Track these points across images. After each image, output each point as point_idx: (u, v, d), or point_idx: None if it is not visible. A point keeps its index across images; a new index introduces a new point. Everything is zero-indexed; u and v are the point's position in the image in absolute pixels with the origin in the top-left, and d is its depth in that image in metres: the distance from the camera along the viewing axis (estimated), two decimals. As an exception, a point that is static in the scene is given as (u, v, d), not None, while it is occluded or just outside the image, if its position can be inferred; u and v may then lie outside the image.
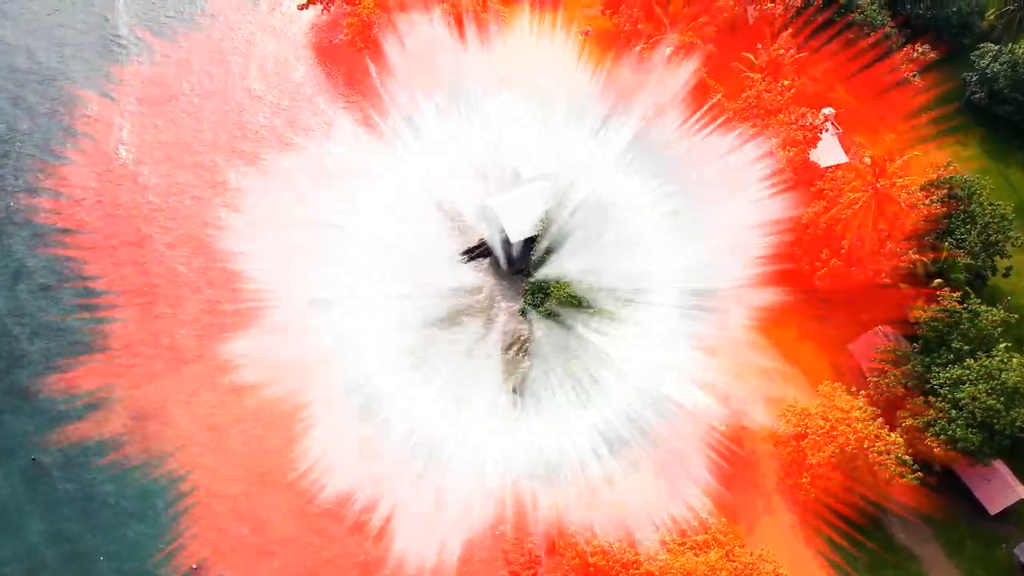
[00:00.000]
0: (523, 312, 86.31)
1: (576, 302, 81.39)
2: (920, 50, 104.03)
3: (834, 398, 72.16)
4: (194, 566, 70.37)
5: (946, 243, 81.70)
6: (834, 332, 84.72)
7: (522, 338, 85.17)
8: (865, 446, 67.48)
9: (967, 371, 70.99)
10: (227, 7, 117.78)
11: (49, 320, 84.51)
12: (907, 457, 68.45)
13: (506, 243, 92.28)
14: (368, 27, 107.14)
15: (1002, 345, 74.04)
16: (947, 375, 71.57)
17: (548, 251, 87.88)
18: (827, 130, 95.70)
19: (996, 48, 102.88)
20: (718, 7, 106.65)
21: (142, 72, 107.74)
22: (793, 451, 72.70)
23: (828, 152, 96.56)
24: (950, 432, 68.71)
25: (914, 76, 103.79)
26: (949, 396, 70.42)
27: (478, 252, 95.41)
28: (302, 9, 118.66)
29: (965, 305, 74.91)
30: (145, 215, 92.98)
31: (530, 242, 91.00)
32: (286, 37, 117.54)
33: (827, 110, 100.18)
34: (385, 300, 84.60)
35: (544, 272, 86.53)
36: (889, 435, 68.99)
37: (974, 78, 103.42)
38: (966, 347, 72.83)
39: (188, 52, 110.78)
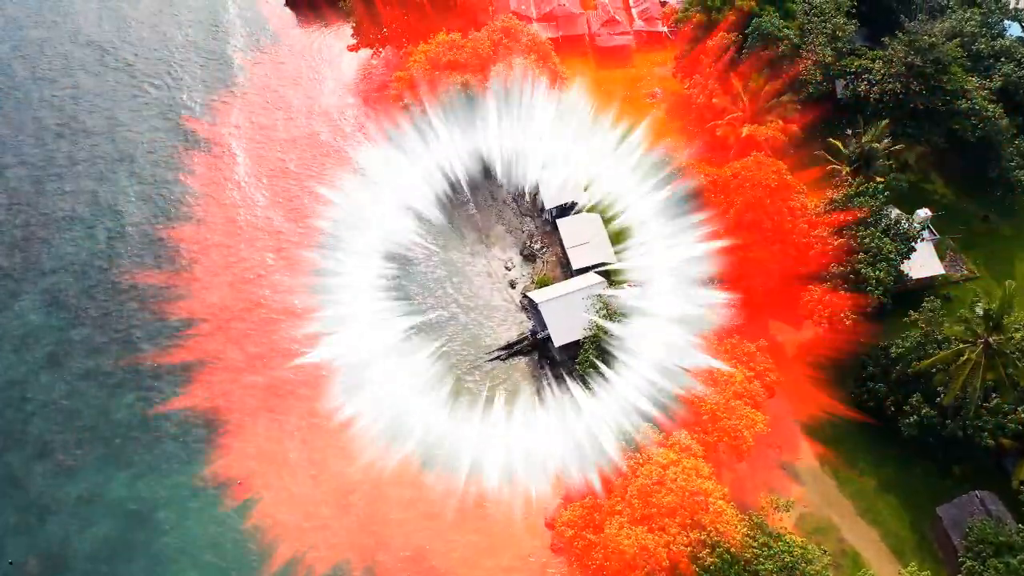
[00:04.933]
0: None
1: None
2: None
3: (922, 592, 60.92)
4: None
5: (1064, 399, 69.58)
6: (920, 486, 73.10)
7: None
8: (959, 663, 56.45)
9: (1089, 576, 59.21)
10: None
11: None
12: (1007, 678, 57.22)
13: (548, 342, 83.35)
14: (416, 84, 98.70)
15: None
16: (1063, 578, 59.84)
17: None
18: (922, 237, 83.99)
19: None
20: (802, 81, 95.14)
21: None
22: (868, 645, 61.97)
23: (922, 261, 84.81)
24: (1064, 655, 57.21)
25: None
26: (1065, 607, 58.80)
27: (518, 348, 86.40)
28: (352, 50, 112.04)
29: (1088, 487, 62.86)
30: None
31: (575, 346, 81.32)
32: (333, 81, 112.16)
33: (922, 212, 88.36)
34: None
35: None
36: (987, 649, 57.82)
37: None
38: (1087, 541, 60.92)
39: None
